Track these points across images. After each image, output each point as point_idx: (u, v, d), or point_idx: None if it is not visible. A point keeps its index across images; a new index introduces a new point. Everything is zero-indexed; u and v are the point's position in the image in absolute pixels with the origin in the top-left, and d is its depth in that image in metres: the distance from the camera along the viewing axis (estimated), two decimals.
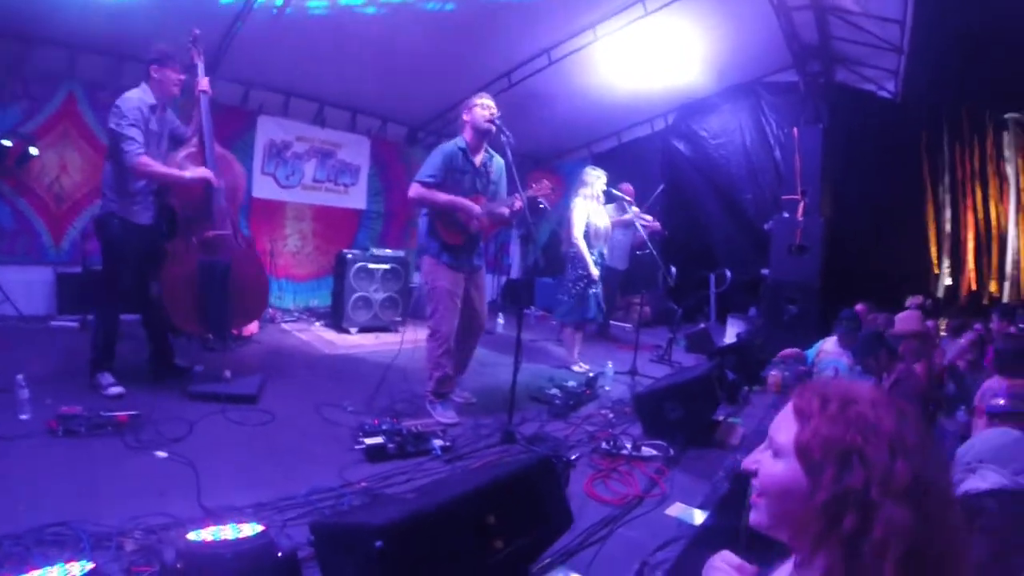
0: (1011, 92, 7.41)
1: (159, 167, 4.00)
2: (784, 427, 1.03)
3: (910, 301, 7.03)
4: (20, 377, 3.47)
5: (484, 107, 4.16)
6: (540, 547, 2.19)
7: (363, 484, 2.97)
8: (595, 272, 5.87)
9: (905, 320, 4.84)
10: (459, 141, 4.25)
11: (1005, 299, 8.01)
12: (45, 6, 5.19)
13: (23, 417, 3.40)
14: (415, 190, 4.16)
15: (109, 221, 4.03)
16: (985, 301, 8.13)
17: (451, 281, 4.21)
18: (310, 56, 6.60)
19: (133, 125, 3.85)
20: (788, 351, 5.99)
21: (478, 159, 4.29)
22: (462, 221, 4.20)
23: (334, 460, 3.28)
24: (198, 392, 4.06)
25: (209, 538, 1.86)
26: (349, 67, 6.97)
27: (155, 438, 3.34)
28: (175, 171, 4.07)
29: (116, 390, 3.99)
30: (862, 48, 7.54)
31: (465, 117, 4.25)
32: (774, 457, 1.04)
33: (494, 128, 4.08)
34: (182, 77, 4.11)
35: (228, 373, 4.39)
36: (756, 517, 1.07)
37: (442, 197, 4.12)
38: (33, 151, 5.85)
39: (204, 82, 4.26)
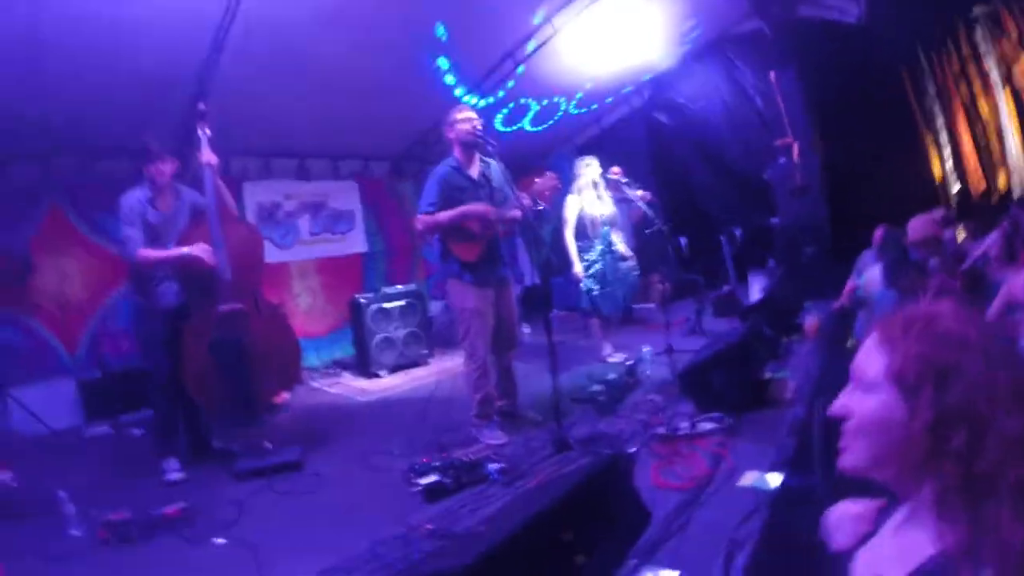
0: None
1: (156, 253, 4.09)
2: (871, 360, 1.00)
3: (933, 214, 6.88)
4: (63, 494, 3.41)
5: (465, 120, 4.09)
6: (623, 550, 2.09)
7: (429, 527, 2.88)
8: (578, 269, 5.76)
9: (918, 227, 4.66)
10: (450, 161, 4.19)
11: (1015, 190, 7.86)
12: (15, 121, 5.16)
13: (74, 533, 3.32)
14: (420, 222, 4.11)
15: (137, 314, 4.36)
16: (994, 200, 7.98)
17: (478, 299, 4.13)
18: (284, 111, 6.54)
19: (128, 224, 4.07)
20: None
21: (474, 171, 4.22)
22: (476, 230, 4.12)
23: (393, 508, 3.19)
24: (243, 470, 3.98)
25: None
26: (322, 114, 6.91)
27: (210, 526, 3.26)
28: (173, 251, 4.10)
29: (175, 476, 4.01)
30: None
31: (450, 135, 4.18)
32: (866, 393, 1.00)
33: (480, 139, 4.02)
34: (164, 167, 4.15)
35: (268, 445, 4.32)
36: (852, 460, 1.02)
37: (446, 215, 4.04)
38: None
39: (206, 154, 4.23)
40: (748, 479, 3.00)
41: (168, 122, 4.28)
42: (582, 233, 5.78)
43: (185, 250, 4.03)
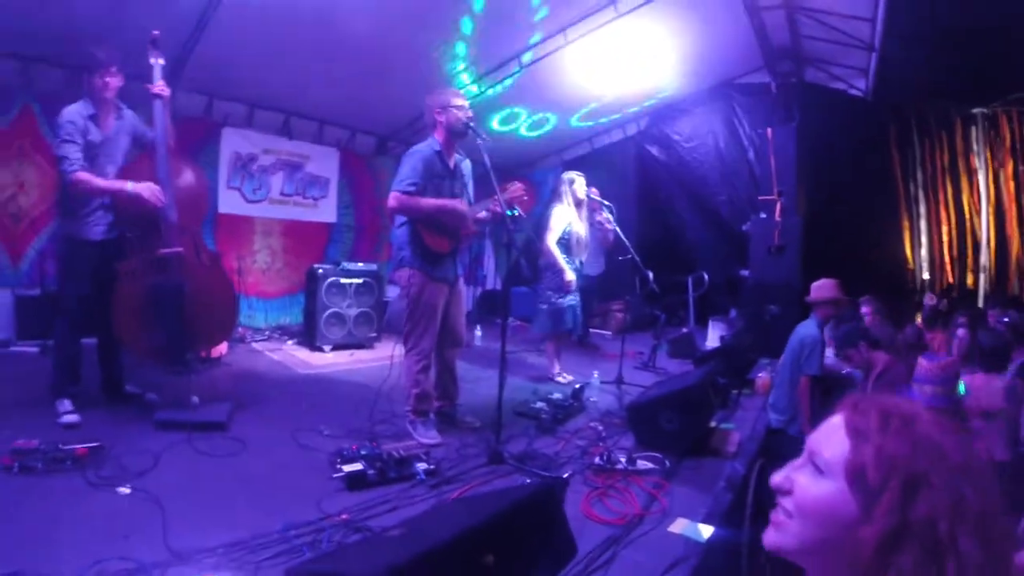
0: (978, 87, 7.48)
1: (97, 181, 3.80)
2: (832, 442, 0.91)
3: (928, 300, 7.05)
4: None
5: (461, 108, 3.96)
6: None
7: (344, 516, 2.75)
8: (571, 277, 5.60)
9: (821, 287, 4.73)
10: (433, 143, 4.04)
11: (981, 291, 8.08)
12: (1, 18, 4.91)
13: None
14: (396, 199, 3.91)
15: (60, 240, 3.99)
16: (955, 294, 8.19)
17: (434, 293, 4.00)
18: (276, 64, 6.36)
19: (67, 141, 3.74)
20: None
21: (452, 162, 4.10)
22: (450, 226, 3.99)
23: (311, 491, 3.05)
24: (163, 420, 3.79)
25: None
26: (316, 76, 6.74)
27: (118, 473, 3.09)
28: (116, 183, 3.85)
29: (70, 419, 3.75)
30: (832, 47, 7.56)
31: (439, 117, 4.02)
32: (817, 475, 0.91)
33: (470, 131, 3.89)
34: (109, 80, 3.84)
35: (195, 399, 4.13)
36: (780, 539, 0.93)
37: (427, 202, 3.90)
38: None
39: (158, 85, 3.97)
40: (679, 526, 2.94)
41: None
42: (566, 248, 5.65)
43: (130, 186, 3.81)
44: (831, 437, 0.92)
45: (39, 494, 2.84)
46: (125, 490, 2.93)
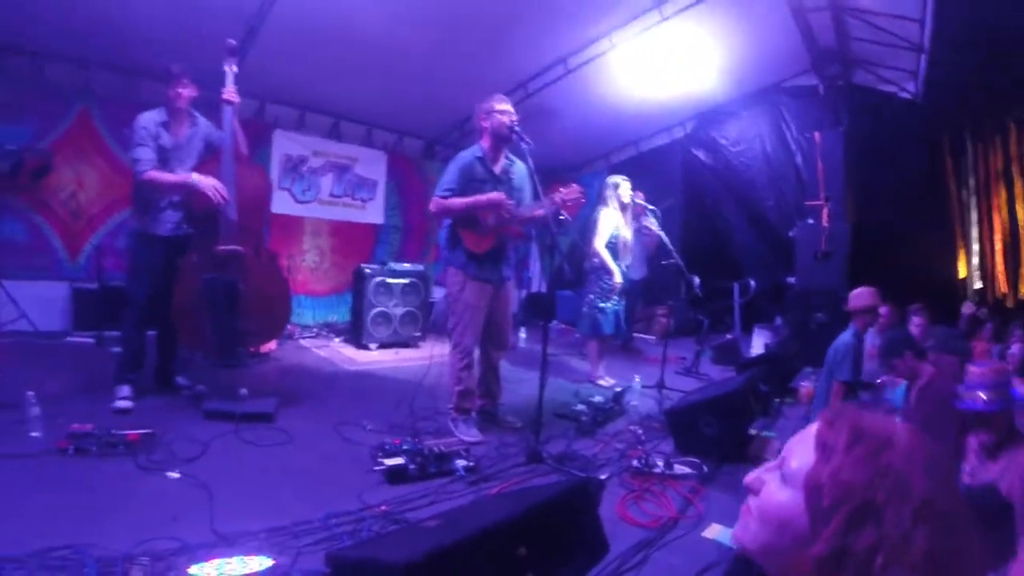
0: None
1: (165, 176, 4.05)
2: (800, 453, 0.89)
3: (966, 308, 6.81)
4: (31, 394, 3.39)
5: (504, 112, 3.99)
6: None
7: (383, 508, 2.83)
8: (619, 279, 5.61)
9: (859, 296, 4.61)
10: (476, 150, 4.10)
11: None
12: (59, 22, 5.17)
13: (34, 435, 3.31)
14: (434, 203, 4.02)
15: (132, 236, 4.27)
16: (1011, 304, 7.89)
17: (476, 293, 4.06)
18: (325, 69, 6.54)
19: (139, 144, 4.03)
20: None
21: (498, 167, 4.13)
22: (489, 221, 4.03)
23: (353, 482, 3.15)
24: (213, 410, 3.94)
25: (213, 573, 1.72)
26: (364, 80, 6.90)
27: (168, 458, 3.24)
28: (181, 176, 4.05)
29: (124, 404, 3.98)
30: (881, 48, 7.37)
31: (484, 123, 4.07)
32: (781, 482, 0.90)
33: (514, 135, 3.93)
34: (182, 91, 4.12)
35: (244, 391, 4.27)
36: (741, 535, 0.93)
37: (459, 201, 3.97)
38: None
39: (229, 91, 4.19)
40: (713, 531, 2.93)
41: (208, 57, 4.22)
42: (612, 251, 5.65)
43: (195, 177, 4.00)
44: (801, 447, 0.90)
45: (93, 475, 2.99)
46: (174, 475, 3.06)
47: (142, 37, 5.40)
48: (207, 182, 3.99)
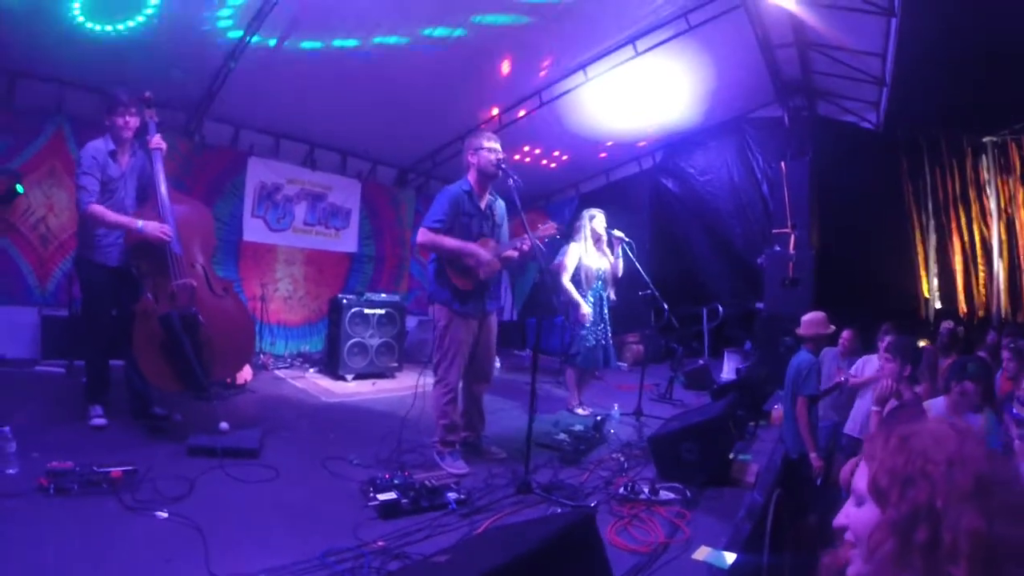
0: (987, 117, 7.62)
1: (110, 216, 4.02)
2: (860, 475, 1.08)
3: (944, 326, 7.00)
4: (7, 429, 3.28)
5: (491, 150, 4.08)
6: None
7: (381, 544, 2.84)
8: (586, 311, 5.68)
9: (812, 322, 4.71)
10: (464, 184, 4.19)
11: (994, 319, 8.11)
12: (35, 40, 5.11)
13: (10, 472, 3.21)
14: (424, 235, 4.08)
15: (80, 264, 4.28)
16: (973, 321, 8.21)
17: (462, 329, 4.12)
18: (301, 97, 6.58)
19: (86, 173, 4.00)
20: None
21: (483, 202, 4.23)
22: (471, 267, 4.11)
23: (346, 518, 3.14)
24: (196, 446, 3.87)
25: None
26: (339, 108, 6.94)
27: (154, 497, 3.17)
28: (124, 219, 4.04)
29: (99, 421, 4.09)
30: (843, 81, 7.71)
31: (471, 159, 4.17)
32: (857, 506, 1.07)
33: (501, 172, 4.03)
34: (129, 120, 4.11)
35: (225, 425, 4.21)
36: (857, 569, 1.06)
37: (450, 242, 4.04)
38: (19, 188, 5.72)
39: (156, 140, 4.20)
40: (702, 553, 3.01)
41: (189, 91, 4.25)
42: (576, 283, 5.75)
43: (140, 223, 3.99)
44: (860, 472, 1.08)
45: (78, 517, 2.90)
46: (163, 514, 3.00)
47: (119, 62, 5.35)
48: (151, 225, 3.99)
